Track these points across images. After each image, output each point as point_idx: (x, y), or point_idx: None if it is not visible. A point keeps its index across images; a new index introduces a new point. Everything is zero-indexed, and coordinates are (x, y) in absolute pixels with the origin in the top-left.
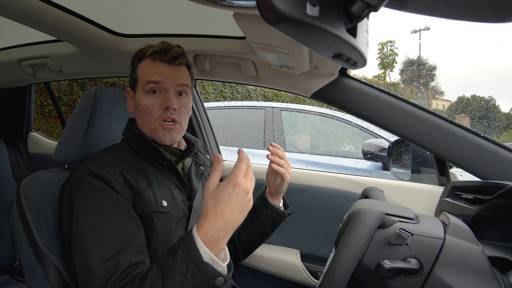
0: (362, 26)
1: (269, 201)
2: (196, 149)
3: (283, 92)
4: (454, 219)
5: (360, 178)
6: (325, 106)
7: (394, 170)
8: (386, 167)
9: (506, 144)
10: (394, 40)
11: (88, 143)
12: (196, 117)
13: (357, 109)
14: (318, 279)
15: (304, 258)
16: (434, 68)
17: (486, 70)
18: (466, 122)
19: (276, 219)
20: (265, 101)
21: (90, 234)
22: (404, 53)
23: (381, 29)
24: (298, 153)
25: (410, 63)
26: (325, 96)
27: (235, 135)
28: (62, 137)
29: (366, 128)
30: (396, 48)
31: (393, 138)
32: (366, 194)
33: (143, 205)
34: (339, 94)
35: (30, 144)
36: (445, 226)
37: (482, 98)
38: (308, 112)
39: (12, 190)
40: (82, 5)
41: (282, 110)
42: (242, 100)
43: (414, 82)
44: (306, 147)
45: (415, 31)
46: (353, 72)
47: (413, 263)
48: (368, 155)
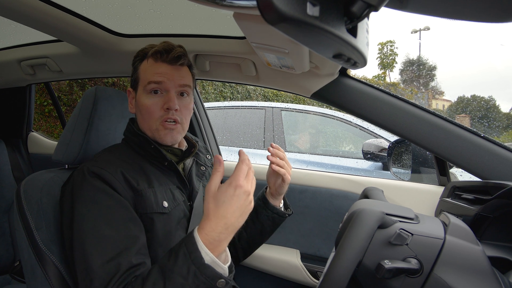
0: (362, 26)
1: (269, 201)
2: (197, 149)
3: (283, 92)
4: (454, 219)
5: (360, 178)
6: (325, 106)
7: (394, 170)
8: (386, 167)
9: (506, 144)
10: (394, 40)
11: (88, 143)
12: (196, 117)
13: (357, 109)
14: (318, 279)
15: (304, 258)
16: (434, 68)
17: (486, 70)
18: (466, 122)
19: (276, 220)
20: (265, 101)
21: (91, 235)
22: (404, 53)
23: (381, 29)
24: (298, 153)
25: (410, 63)
26: (325, 96)
27: (235, 135)
28: (62, 137)
29: (366, 128)
30: (396, 48)
31: (393, 138)
32: (366, 194)
33: (144, 206)
34: (339, 94)
35: (30, 144)
36: (445, 226)
37: (482, 98)
38: (308, 112)
39: (12, 190)
40: (82, 5)
41: (282, 110)
42: (242, 100)
43: (414, 82)
44: (306, 147)
45: (415, 31)
46: (353, 72)
47: (413, 263)
48: (368, 155)
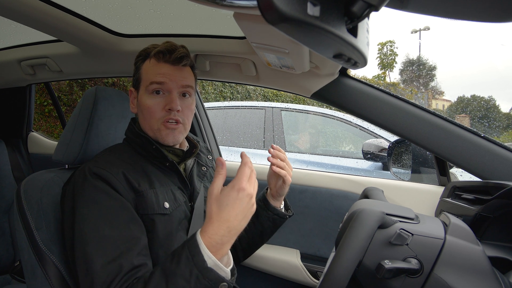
0: (362, 26)
1: (270, 203)
2: (198, 149)
3: (283, 92)
4: (454, 219)
5: (360, 178)
6: (325, 106)
7: (394, 170)
8: (386, 167)
9: (506, 144)
10: (394, 40)
11: (88, 143)
12: (196, 117)
13: (357, 109)
14: (318, 279)
15: (304, 258)
16: (434, 68)
17: (486, 70)
18: (466, 122)
19: (277, 221)
20: (265, 101)
21: (93, 236)
22: (404, 53)
23: (381, 29)
24: (298, 153)
25: (410, 63)
26: (325, 96)
27: (235, 135)
28: (62, 137)
29: (366, 128)
30: (396, 48)
31: (393, 138)
32: (366, 194)
33: (145, 207)
34: (339, 94)
35: (30, 144)
36: (445, 226)
37: (482, 98)
38: (308, 112)
39: (12, 190)
40: (82, 5)
41: (282, 110)
42: (242, 100)
43: (414, 82)
44: (306, 147)
45: (415, 31)
46: (353, 72)
47: (413, 263)
48: (368, 155)
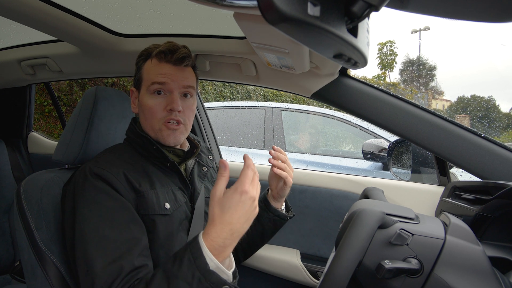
0: (363, 26)
1: (271, 204)
2: (199, 150)
3: (283, 92)
4: (454, 219)
5: (360, 178)
6: (325, 106)
7: (394, 170)
8: (386, 167)
9: (506, 144)
10: (393, 40)
11: (88, 143)
12: (196, 117)
13: (357, 109)
14: (318, 279)
15: (304, 258)
16: (434, 68)
17: (486, 70)
18: (466, 122)
19: (277, 222)
20: (265, 101)
21: (93, 237)
22: (404, 53)
23: (381, 29)
24: (298, 153)
25: (410, 63)
26: (325, 96)
27: (235, 135)
28: (62, 137)
29: (366, 128)
30: (396, 48)
31: (393, 138)
32: (366, 194)
33: (146, 207)
34: (339, 94)
35: (30, 144)
36: (445, 226)
37: (482, 98)
38: (308, 112)
39: (12, 190)
40: (82, 5)
41: (282, 110)
42: (242, 100)
43: (414, 82)
44: (306, 147)
45: (415, 31)
46: (353, 72)
47: (413, 263)
48: (368, 155)
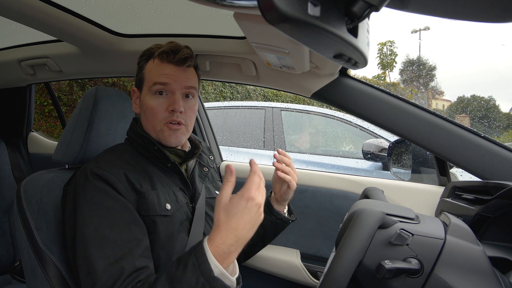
0: (363, 26)
1: (274, 207)
2: (200, 150)
3: (283, 92)
4: (454, 219)
5: (360, 178)
6: (325, 106)
7: (394, 170)
8: (386, 167)
9: (506, 144)
10: (393, 40)
11: (88, 143)
12: (196, 117)
13: (357, 109)
14: (318, 279)
15: (304, 258)
16: (434, 68)
17: (486, 70)
18: (466, 122)
19: (279, 225)
20: (265, 101)
21: (94, 238)
22: (404, 53)
23: (381, 29)
24: (298, 153)
25: (410, 63)
26: (325, 96)
27: (235, 135)
28: (62, 137)
29: (366, 128)
30: (396, 48)
31: (393, 138)
32: (366, 194)
33: (147, 208)
34: (339, 94)
35: (30, 144)
36: (445, 226)
37: (482, 98)
38: (308, 112)
39: (12, 190)
40: (82, 5)
41: (282, 110)
42: (242, 100)
43: (414, 82)
44: (306, 147)
45: (415, 31)
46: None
47: (413, 263)
48: (368, 155)
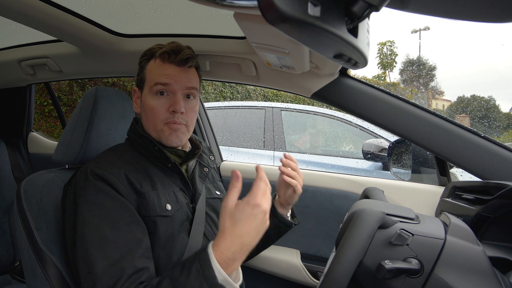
0: (363, 26)
1: (277, 210)
2: (201, 150)
3: (283, 92)
4: (454, 219)
5: (360, 178)
6: (325, 106)
7: (394, 170)
8: (386, 167)
9: (506, 144)
10: (393, 40)
11: (88, 143)
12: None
13: (357, 109)
14: (318, 279)
15: (304, 258)
16: (434, 68)
17: (486, 70)
18: (466, 122)
19: (282, 229)
20: (265, 101)
21: (95, 238)
22: (404, 53)
23: (381, 29)
24: (298, 153)
25: (410, 63)
26: (325, 96)
27: (235, 135)
28: (62, 137)
29: (366, 128)
30: (396, 48)
31: (393, 138)
32: (366, 194)
33: (147, 208)
34: (339, 94)
35: (30, 144)
36: (445, 226)
37: (482, 98)
38: (308, 112)
39: (12, 190)
40: (82, 5)
41: (282, 110)
42: (242, 100)
43: (414, 82)
44: (306, 147)
45: (415, 31)
46: (353, 72)
47: (413, 264)
48: (368, 155)
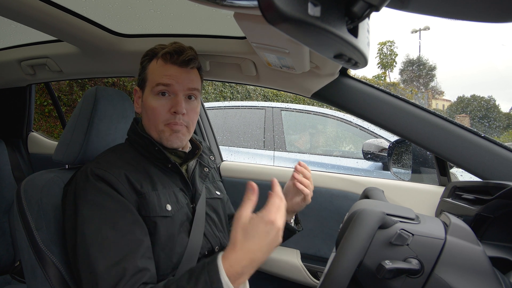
0: (363, 26)
1: None
2: (201, 151)
3: (283, 92)
4: (455, 219)
5: (360, 178)
6: (325, 106)
7: (394, 170)
8: (386, 167)
9: (506, 144)
10: (393, 40)
11: (88, 143)
12: None
13: (357, 109)
14: (318, 280)
15: (304, 258)
16: (434, 68)
17: (486, 70)
18: (466, 122)
19: (285, 235)
20: (265, 101)
21: (95, 239)
22: (404, 53)
23: (381, 29)
24: (298, 153)
25: (410, 63)
26: (325, 96)
27: (235, 135)
28: (62, 137)
29: (366, 128)
30: (396, 48)
31: (393, 138)
32: (366, 194)
33: (148, 209)
34: (340, 94)
35: (30, 144)
36: (446, 226)
37: (482, 98)
38: (308, 112)
39: (12, 190)
40: (82, 5)
41: (282, 110)
42: (242, 100)
43: (414, 82)
44: (306, 147)
45: (415, 31)
46: (353, 72)
47: (414, 264)
48: (368, 155)
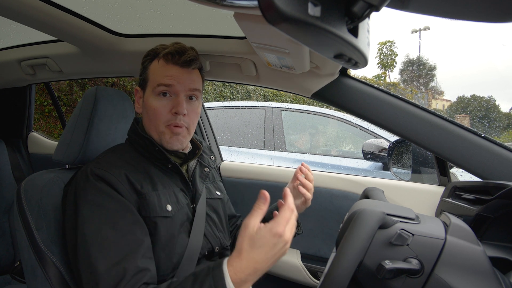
0: (363, 26)
1: None
2: (201, 151)
3: (283, 92)
4: (455, 220)
5: (360, 178)
6: (325, 106)
7: (394, 170)
8: (386, 167)
9: (506, 144)
10: (393, 40)
11: (88, 143)
12: None
13: (357, 109)
14: (318, 279)
15: (304, 258)
16: (434, 68)
17: (486, 70)
18: (466, 122)
19: None
20: (265, 101)
21: (96, 239)
22: (404, 53)
23: (381, 29)
24: (298, 153)
25: (410, 63)
26: (325, 96)
27: (235, 135)
28: (62, 137)
29: (366, 128)
30: (396, 48)
31: (393, 138)
32: (366, 194)
33: (148, 209)
34: (340, 94)
35: (30, 144)
36: (446, 226)
37: (482, 98)
38: (308, 112)
39: (12, 190)
40: (82, 5)
41: (282, 110)
42: (242, 100)
43: (414, 82)
44: (306, 147)
45: (415, 31)
46: (353, 72)
47: (414, 264)
48: (368, 155)
